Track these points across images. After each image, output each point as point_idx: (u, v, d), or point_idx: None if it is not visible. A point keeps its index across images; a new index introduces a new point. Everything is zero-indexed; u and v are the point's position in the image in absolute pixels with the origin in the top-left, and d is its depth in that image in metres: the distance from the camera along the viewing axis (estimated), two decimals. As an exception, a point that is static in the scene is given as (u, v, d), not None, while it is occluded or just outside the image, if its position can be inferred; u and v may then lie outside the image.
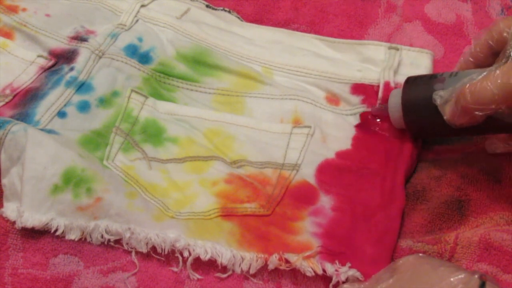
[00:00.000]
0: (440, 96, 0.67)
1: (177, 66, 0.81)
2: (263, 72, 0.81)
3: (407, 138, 0.74)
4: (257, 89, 0.80)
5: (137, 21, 0.84)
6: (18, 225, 0.65)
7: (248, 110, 0.78)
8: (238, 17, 0.88)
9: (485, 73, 0.64)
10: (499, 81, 0.62)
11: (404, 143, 0.74)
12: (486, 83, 0.62)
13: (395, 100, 0.73)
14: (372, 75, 0.80)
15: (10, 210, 0.67)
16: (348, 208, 0.70)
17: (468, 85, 0.64)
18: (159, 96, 0.79)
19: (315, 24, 0.88)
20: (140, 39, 0.82)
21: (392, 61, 0.81)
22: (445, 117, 0.67)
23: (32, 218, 0.65)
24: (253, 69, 0.81)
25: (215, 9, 0.88)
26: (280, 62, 0.82)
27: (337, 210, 0.70)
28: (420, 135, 0.75)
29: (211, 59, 0.81)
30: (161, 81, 0.80)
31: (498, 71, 0.62)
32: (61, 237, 0.66)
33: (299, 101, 0.78)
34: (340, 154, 0.75)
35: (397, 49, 0.82)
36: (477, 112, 0.63)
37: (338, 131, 0.77)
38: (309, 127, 0.76)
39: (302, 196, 0.71)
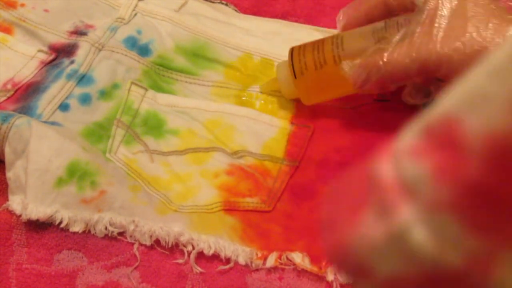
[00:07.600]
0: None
1: (176, 59, 0.81)
2: (262, 63, 0.81)
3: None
4: (256, 81, 0.80)
5: (135, 14, 0.84)
6: (24, 217, 0.65)
7: (248, 102, 0.78)
8: (235, 10, 0.88)
9: (397, 39, 0.60)
10: (414, 54, 0.58)
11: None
12: (403, 57, 0.58)
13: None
14: (370, 66, 0.80)
15: (16, 203, 0.67)
16: None
17: (384, 56, 0.60)
18: (159, 89, 0.79)
19: (313, 17, 0.88)
20: (139, 32, 0.82)
21: None
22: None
23: (36, 210, 0.65)
24: (252, 61, 0.81)
25: (213, 2, 0.88)
26: (279, 54, 0.82)
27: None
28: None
29: (210, 53, 0.81)
30: (160, 73, 0.80)
31: (416, 38, 0.58)
32: (65, 233, 0.66)
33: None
34: (340, 149, 0.75)
35: None
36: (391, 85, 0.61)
37: (338, 126, 0.77)
38: (309, 126, 0.76)
39: (303, 192, 0.71)
